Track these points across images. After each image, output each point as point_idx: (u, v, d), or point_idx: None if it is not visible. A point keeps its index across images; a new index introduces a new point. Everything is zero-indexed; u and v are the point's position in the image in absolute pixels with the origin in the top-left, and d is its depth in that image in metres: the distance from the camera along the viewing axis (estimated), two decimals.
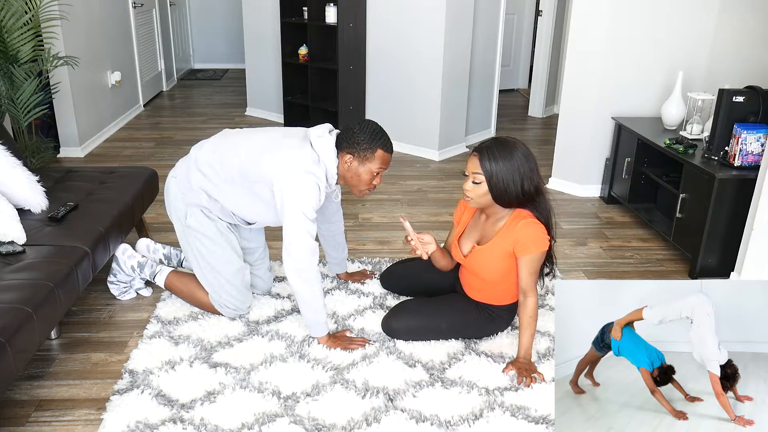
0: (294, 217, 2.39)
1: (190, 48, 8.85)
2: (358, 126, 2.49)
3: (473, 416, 2.18)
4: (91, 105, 5.17)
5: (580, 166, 4.37)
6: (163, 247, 3.05)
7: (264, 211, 2.57)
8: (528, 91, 7.30)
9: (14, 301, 2.08)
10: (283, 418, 2.15)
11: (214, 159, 2.53)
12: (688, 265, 3.37)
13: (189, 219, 2.60)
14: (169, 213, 2.70)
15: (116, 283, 2.89)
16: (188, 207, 2.60)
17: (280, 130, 2.63)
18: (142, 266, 2.85)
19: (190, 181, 2.58)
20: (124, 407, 2.19)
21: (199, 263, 2.65)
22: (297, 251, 2.40)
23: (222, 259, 2.63)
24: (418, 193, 4.36)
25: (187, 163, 2.64)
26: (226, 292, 2.66)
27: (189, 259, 2.70)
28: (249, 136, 2.58)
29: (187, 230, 2.62)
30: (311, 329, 2.55)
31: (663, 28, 4.03)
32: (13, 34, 3.95)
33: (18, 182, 2.69)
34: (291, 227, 2.40)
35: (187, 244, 2.66)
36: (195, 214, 2.60)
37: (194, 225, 2.60)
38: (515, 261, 2.39)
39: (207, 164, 2.54)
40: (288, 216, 2.40)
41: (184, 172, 2.62)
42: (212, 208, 2.60)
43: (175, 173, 2.67)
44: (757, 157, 3.11)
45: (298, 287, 2.45)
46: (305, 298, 2.46)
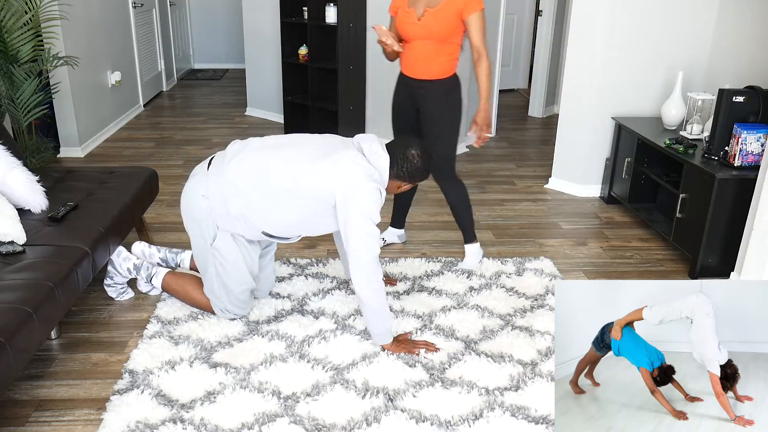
0: (362, 224, 2.36)
1: (190, 48, 8.85)
2: (419, 158, 2.49)
3: (473, 416, 2.18)
4: (91, 105, 5.17)
5: (580, 166, 4.37)
6: (159, 251, 3.02)
7: (311, 223, 2.52)
8: (528, 91, 7.30)
9: (14, 301, 2.08)
10: (283, 418, 2.15)
11: (255, 180, 2.42)
12: (688, 265, 3.37)
13: (217, 242, 2.55)
14: (189, 226, 2.60)
15: (113, 285, 2.88)
16: (220, 231, 2.54)
17: (320, 142, 2.51)
18: (138, 268, 2.84)
19: (228, 206, 2.45)
20: (124, 407, 2.19)
21: (211, 278, 2.63)
22: (367, 262, 2.38)
23: (237, 280, 2.61)
24: (418, 193, 4.35)
25: (222, 184, 2.45)
26: (230, 303, 2.66)
27: (202, 269, 2.66)
28: (289, 151, 2.46)
29: (210, 249, 2.57)
30: (378, 337, 2.53)
31: (663, 28, 4.03)
32: (13, 34, 3.95)
33: (18, 182, 2.69)
34: (359, 235, 2.36)
35: (205, 259, 2.61)
36: (224, 237, 2.54)
37: (220, 248, 2.55)
38: (461, 25, 2.85)
39: (249, 185, 2.42)
40: (354, 222, 2.36)
41: (219, 194, 2.46)
42: (245, 233, 2.54)
43: (206, 192, 2.48)
44: (757, 157, 3.11)
45: (368, 298, 2.43)
46: (375, 308, 2.45)
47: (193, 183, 2.55)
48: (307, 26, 5.26)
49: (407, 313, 2.81)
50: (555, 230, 3.81)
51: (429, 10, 2.84)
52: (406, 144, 2.51)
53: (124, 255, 2.84)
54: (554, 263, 3.33)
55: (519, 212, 4.07)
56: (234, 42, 8.71)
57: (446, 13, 2.83)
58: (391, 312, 2.81)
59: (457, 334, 2.66)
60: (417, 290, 3.02)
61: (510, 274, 3.18)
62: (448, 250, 3.49)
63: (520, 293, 3.00)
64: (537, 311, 2.86)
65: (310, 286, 3.03)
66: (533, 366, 2.47)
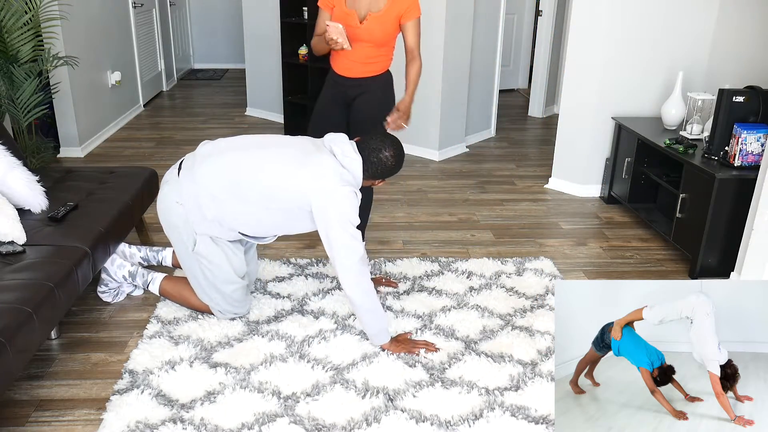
0: (342, 228, 2.36)
1: (190, 48, 8.85)
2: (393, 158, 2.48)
3: (473, 416, 2.18)
4: (91, 105, 5.17)
5: (580, 166, 4.37)
6: (139, 250, 3.01)
7: (286, 226, 2.53)
8: (528, 91, 7.30)
9: (14, 301, 2.08)
10: (283, 418, 2.15)
11: (228, 184, 2.41)
12: (688, 265, 3.37)
13: (198, 247, 2.55)
14: (169, 233, 2.59)
15: (107, 291, 2.86)
16: (198, 236, 2.53)
17: (291, 144, 2.50)
18: (133, 275, 2.84)
19: (203, 210, 2.46)
20: (124, 407, 2.19)
21: (200, 282, 2.63)
22: (351, 263, 2.38)
23: (225, 281, 2.62)
24: (418, 193, 4.36)
25: (195, 189, 2.45)
26: (227, 303, 2.67)
27: (190, 276, 2.65)
28: (261, 154, 2.44)
29: (193, 255, 2.57)
30: (375, 338, 2.53)
31: (663, 28, 4.03)
32: (13, 34, 3.95)
33: (18, 182, 2.68)
34: (339, 239, 2.37)
35: (189, 266, 2.61)
36: (204, 241, 2.54)
37: (203, 252, 2.55)
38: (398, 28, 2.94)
39: (222, 189, 2.42)
40: (335, 229, 2.36)
41: (193, 200, 2.46)
42: (222, 234, 2.54)
43: (180, 199, 2.48)
44: (757, 157, 3.11)
45: (360, 299, 2.43)
46: (368, 308, 2.45)
47: (166, 190, 2.54)
48: (307, 26, 5.26)
49: (407, 313, 2.81)
50: (555, 230, 3.81)
51: (372, 15, 2.90)
52: (379, 146, 2.47)
53: (119, 263, 2.83)
54: (554, 263, 3.33)
55: (519, 212, 4.07)
56: (234, 42, 8.71)
57: (389, 17, 2.91)
58: (391, 312, 2.81)
59: (457, 334, 2.66)
60: (417, 290, 3.02)
61: (510, 274, 3.18)
62: (448, 250, 3.50)
63: (520, 293, 3.00)
64: (537, 311, 2.86)
65: (310, 286, 3.03)
66: (533, 366, 2.47)
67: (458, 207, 4.13)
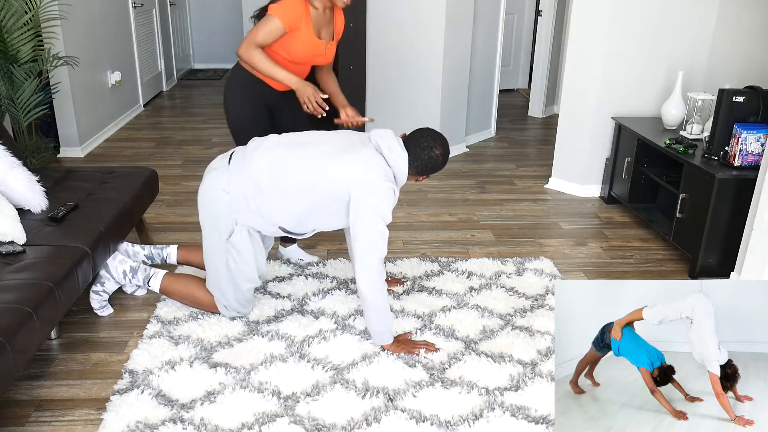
0: (373, 221, 2.37)
1: (190, 48, 8.85)
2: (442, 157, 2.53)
3: (473, 416, 2.18)
4: (91, 105, 5.17)
5: (580, 166, 4.37)
6: (143, 248, 3.00)
7: (324, 221, 2.54)
8: (528, 91, 7.29)
9: (14, 301, 2.08)
10: (283, 418, 2.15)
11: (274, 177, 2.44)
12: (688, 265, 3.37)
13: (234, 236, 2.54)
14: (205, 220, 2.58)
15: (101, 293, 2.80)
16: (237, 226, 2.53)
17: (337, 140, 2.55)
18: (134, 271, 2.82)
19: (248, 201, 2.47)
20: (124, 407, 2.19)
21: (219, 274, 2.62)
22: (372, 261, 2.40)
23: (246, 276, 2.62)
24: (418, 193, 4.36)
25: (244, 179, 2.47)
26: (236, 300, 2.67)
27: (210, 266, 2.64)
28: (308, 150, 2.50)
29: (225, 244, 2.56)
30: (379, 337, 2.53)
31: (663, 28, 4.03)
32: (13, 34, 3.95)
33: (18, 182, 2.68)
34: (368, 233, 2.38)
35: (216, 254, 2.60)
36: (241, 232, 2.54)
37: (236, 243, 2.55)
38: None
39: (269, 183, 2.45)
40: (366, 221, 2.37)
41: (241, 189, 2.47)
42: (263, 228, 2.55)
43: (228, 186, 2.49)
44: (757, 157, 3.11)
45: (372, 297, 2.43)
46: (377, 307, 2.46)
47: (214, 177, 2.54)
48: None
49: (407, 313, 2.81)
50: (555, 230, 3.81)
51: (332, 43, 3.04)
52: (430, 144, 2.51)
53: (120, 258, 2.82)
54: (554, 263, 3.33)
55: (519, 212, 4.07)
56: (234, 42, 8.66)
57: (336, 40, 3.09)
58: (391, 312, 2.81)
59: (457, 334, 2.66)
60: (417, 290, 3.02)
61: (510, 274, 3.18)
62: (448, 250, 3.50)
63: (520, 293, 3.00)
64: (537, 311, 2.86)
65: (310, 286, 3.03)
66: (533, 366, 2.47)
67: (458, 207, 4.13)
